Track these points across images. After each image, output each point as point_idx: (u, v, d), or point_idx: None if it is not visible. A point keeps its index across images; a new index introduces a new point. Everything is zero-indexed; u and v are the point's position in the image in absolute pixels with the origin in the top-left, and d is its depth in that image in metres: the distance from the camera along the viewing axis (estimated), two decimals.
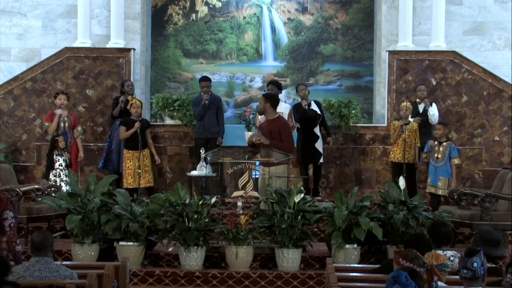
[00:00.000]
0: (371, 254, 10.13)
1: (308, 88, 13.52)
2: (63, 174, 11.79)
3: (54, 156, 11.88)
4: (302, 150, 12.99)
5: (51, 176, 11.82)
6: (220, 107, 13.43)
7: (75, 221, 9.80)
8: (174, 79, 15.48)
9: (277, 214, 9.74)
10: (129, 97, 13.04)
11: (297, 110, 13.10)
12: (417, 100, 13.07)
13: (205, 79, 13.45)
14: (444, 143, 11.93)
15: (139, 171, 12.31)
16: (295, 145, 13.27)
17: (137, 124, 12.48)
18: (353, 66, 15.38)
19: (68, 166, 11.85)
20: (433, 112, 12.88)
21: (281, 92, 13.11)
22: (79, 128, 12.86)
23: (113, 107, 13.28)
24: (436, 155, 11.91)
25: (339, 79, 15.39)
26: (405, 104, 12.72)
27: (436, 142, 11.96)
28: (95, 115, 13.96)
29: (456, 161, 11.90)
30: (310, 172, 13.20)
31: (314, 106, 13.07)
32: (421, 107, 12.98)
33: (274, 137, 10.70)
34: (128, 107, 12.77)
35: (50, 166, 11.88)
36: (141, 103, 13.03)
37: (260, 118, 12.38)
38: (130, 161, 12.55)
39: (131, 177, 12.50)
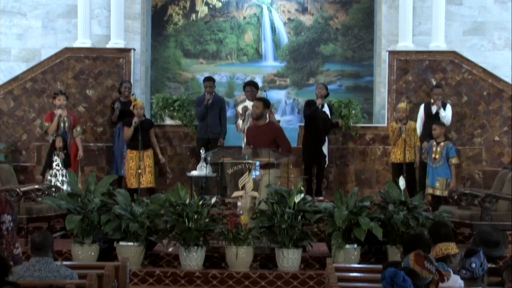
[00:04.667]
0: (371, 254, 10.13)
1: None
2: (59, 174, 11.82)
3: (53, 156, 11.92)
4: (308, 150, 12.94)
5: (48, 176, 11.86)
6: (223, 108, 13.43)
7: (75, 221, 9.80)
8: (174, 79, 15.48)
9: (277, 214, 9.74)
10: (131, 98, 13.11)
11: (309, 105, 13.03)
12: (431, 101, 13.02)
13: (208, 79, 13.48)
14: (442, 143, 11.87)
15: (139, 171, 12.34)
16: (298, 145, 13.34)
17: (135, 119, 12.56)
18: (353, 66, 15.38)
19: (67, 166, 11.86)
20: (445, 114, 12.83)
21: (258, 92, 13.13)
22: (78, 128, 12.87)
23: (111, 111, 13.30)
24: (433, 155, 11.86)
25: (339, 79, 15.39)
26: (401, 105, 12.71)
27: (434, 143, 11.91)
28: (95, 115, 13.96)
29: (454, 161, 11.83)
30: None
31: (326, 109, 13.05)
32: (434, 109, 12.93)
33: (266, 143, 10.62)
34: (131, 108, 12.85)
35: (49, 165, 11.94)
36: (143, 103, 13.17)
37: (241, 124, 12.36)
38: (133, 161, 12.59)
39: (133, 178, 12.54)
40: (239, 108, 13.00)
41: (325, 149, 13.06)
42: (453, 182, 11.78)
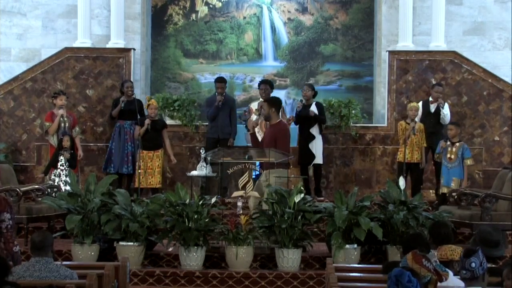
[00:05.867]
0: (371, 254, 10.13)
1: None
2: (63, 174, 11.82)
3: (59, 156, 11.92)
4: (299, 151, 12.96)
5: (52, 175, 11.86)
6: (234, 108, 13.42)
7: (75, 221, 9.80)
8: (174, 79, 15.48)
9: (277, 214, 9.74)
10: (147, 98, 13.24)
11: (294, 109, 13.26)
12: (430, 99, 13.02)
13: (220, 80, 13.45)
14: (457, 144, 11.87)
15: (139, 171, 12.35)
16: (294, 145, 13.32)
17: (147, 121, 12.63)
18: (353, 66, 15.38)
19: (72, 166, 11.86)
20: (446, 112, 12.85)
21: (272, 91, 13.08)
22: (77, 128, 12.88)
23: (113, 108, 13.29)
24: (448, 155, 11.86)
25: (339, 79, 15.39)
26: (414, 104, 12.69)
27: (448, 143, 11.91)
28: (95, 115, 13.96)
29: (469, 161, 11.86)
30: (310, 172, 13.18)
31: (314, 108, 13.01)
32: (433, 107, 12.93)
33: (268, 143, 10.58)
34: (145, 107, 12.94)
35: (53, 164, 11.93)
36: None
37: (254, 119, 12.36)
38: (143, 161, 12.61)
39: (143, 177, 12.56)
40: (253, 105, 13.00)
41: (312, 148, 12.91)
42: (465, 182, 11.81)
